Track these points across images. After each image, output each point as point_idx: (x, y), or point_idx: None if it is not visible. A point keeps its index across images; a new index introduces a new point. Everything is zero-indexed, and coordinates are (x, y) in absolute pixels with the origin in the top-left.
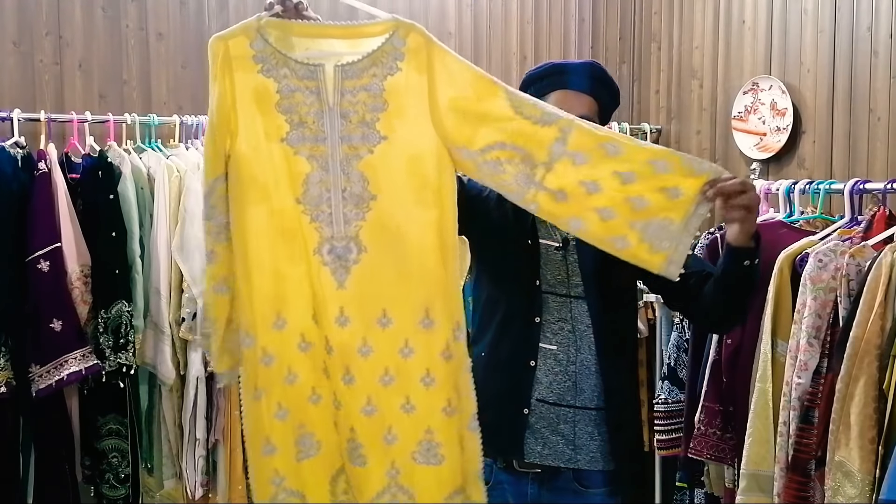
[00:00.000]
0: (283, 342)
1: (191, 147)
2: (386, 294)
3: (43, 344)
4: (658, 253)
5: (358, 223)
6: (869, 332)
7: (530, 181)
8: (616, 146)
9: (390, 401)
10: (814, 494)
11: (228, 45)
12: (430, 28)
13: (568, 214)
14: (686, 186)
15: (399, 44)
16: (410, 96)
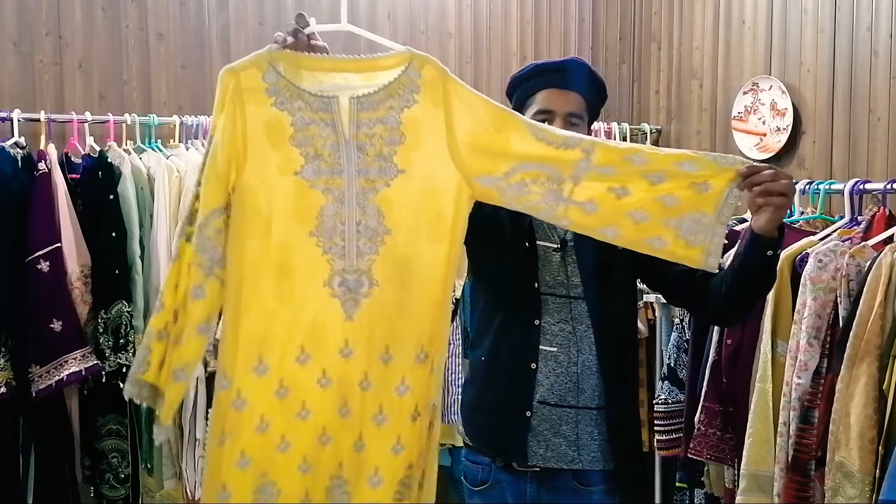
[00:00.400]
0: (261, 388)
1: (191, 147)
2: (391, 329)
3: (43, 344)
4: (695, 247)
5: (371, 257)
6: (869, 333)
7: (559, 198)
8: (641, 156)
9: (381, 441)
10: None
11: (240, 76)
12: (429, 28)
13: (602, 224)
14: (715, 180)
15: (415, 76)
16: (427, 129)
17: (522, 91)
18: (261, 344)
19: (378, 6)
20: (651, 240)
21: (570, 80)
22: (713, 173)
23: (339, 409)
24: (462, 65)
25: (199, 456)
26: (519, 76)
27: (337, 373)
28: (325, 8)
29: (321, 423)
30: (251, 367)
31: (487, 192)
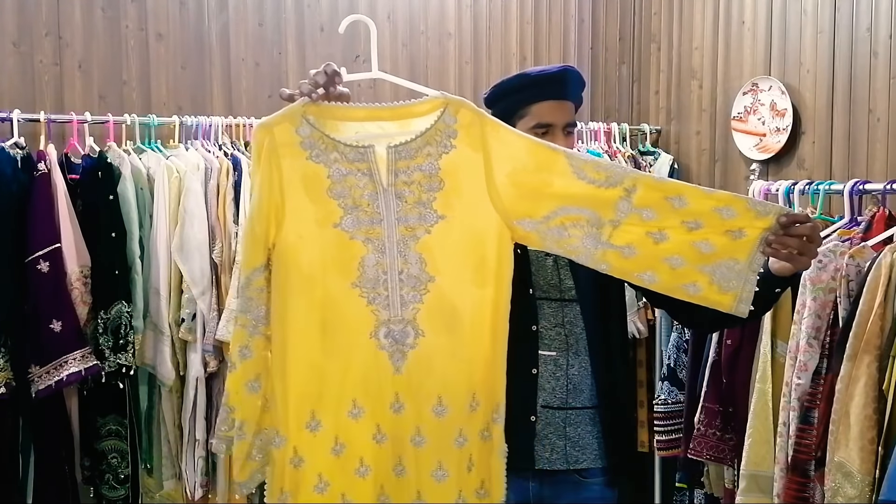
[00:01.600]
0: (316, 446)
1: (190, 147)
2: (441, 380)
3: (43, 344)
4: (727, 293)
5: (416, 306)
6: (869, 333)
7: (598, 241)
8: (682, 199)
9: (443, 498)
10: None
11: (273, 132)
12: (429, 28)
13: (639, 269)
14: (749, 228)
15: (451, 121)
16: (467, 174)
17: (511, 102)
18: (312, 400)
19: (378, 6)
20: (686, 286)
21: (569, 91)
22: (749, 222)
23: (395, 468)
24: (462, 65)
25: (199, 456)
26: (507, 87)
27: (390, 428)
28: (325, 9)
29: (380, 481)
30: (304, 423)
31: (528, 235)
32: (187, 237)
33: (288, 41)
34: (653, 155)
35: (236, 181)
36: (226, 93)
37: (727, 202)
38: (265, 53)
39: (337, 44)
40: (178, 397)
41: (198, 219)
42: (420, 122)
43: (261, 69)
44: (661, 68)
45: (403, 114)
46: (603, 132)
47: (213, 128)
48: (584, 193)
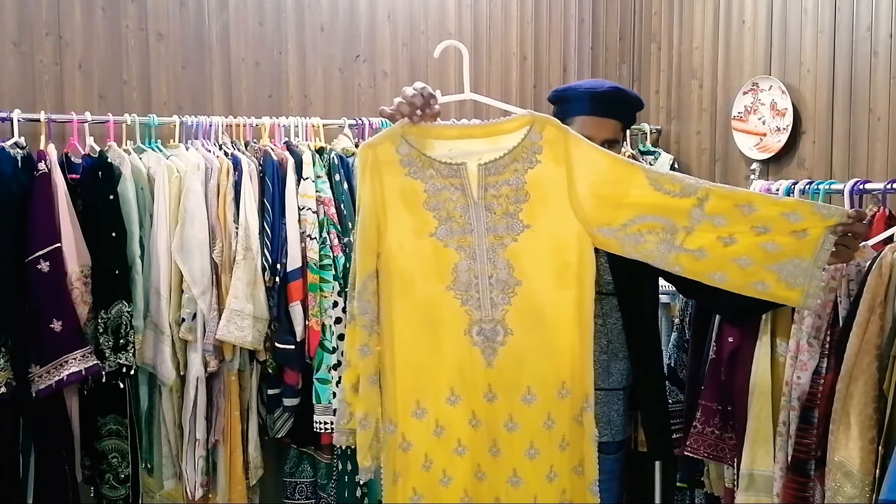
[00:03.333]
0: (421, 430)
1: (190, 147)
2: (530, 372)
3: (43, 344)
4: (795, 289)
5: (504, 307)
6: (869, 332)
7: (671, 246)
8: (752, 206)
9: (536, 472)
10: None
11: (377, 151)
12: (429, 28)
13: (711, 269)
14: (813, 229)
15: (536, 138)
16: (550, 186)
17: (561, 108)
18: (417, 391)
19: (378, 6)
20: (755, 283)
21: (611, 110)
22: (814, 223)
23: (490, 449)
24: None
25: (199, 456)
26: (561, 94)
27: (484, 415)
28: (325, 9)
29: (476, 460)
30: (411, 412)
31: (607, 241)
32: (187, 237)
33: (288, 41)
34: (653, 154)
35: (236, 181)
36: (226, 92)
37: (793, 207)
38: (265, 53)
39: (337, 44)
40: (179, 397)
41: (198, 219)
42: (508, 139)
43: (261, 69)
44: (661, 68)
45: (493, 131)
46: None
47: (214, 127)
48: (661, 203)
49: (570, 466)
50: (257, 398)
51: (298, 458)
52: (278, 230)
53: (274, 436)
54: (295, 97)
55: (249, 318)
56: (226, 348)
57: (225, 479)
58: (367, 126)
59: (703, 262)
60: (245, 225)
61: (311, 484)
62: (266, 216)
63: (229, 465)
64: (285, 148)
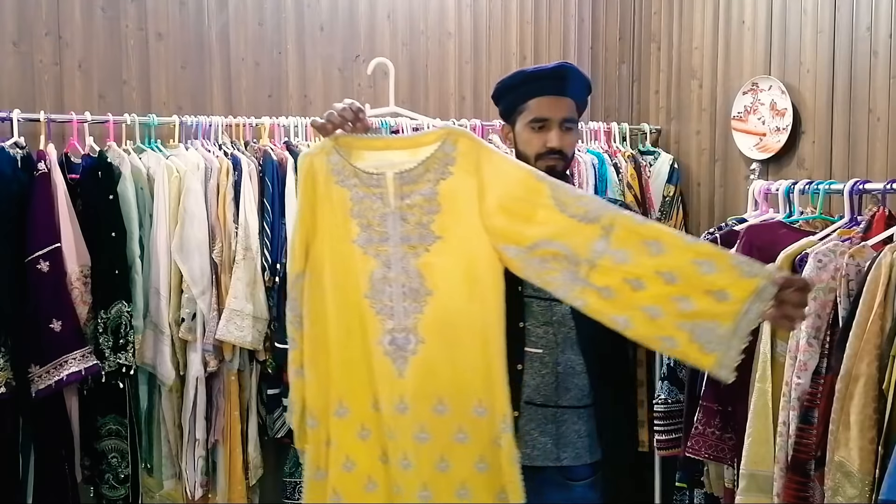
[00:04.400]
0: (344, 429)
1: (190, 147)
2: (442, 382)
3: (42, 344)
4: (709, 355)
5: (416, 316)
6: (868, 333)
7: (576, 278)
8: (660, 245)
9: (448, 486)
10: (813, 494)
11: (312, 160)
12: (429, 28)
13: (615, 311)
14: (734, 290)
15: (450, 149)
16: (462, 198)
17: (512, 99)
18: (339, 389)
19: (378, 6)
20: (663, 338)
21: (562, 86)
22: (732, 281)
23: (401, 462)
24: (462, 65)
25: (199, 456)
26: (507, 84)
27: (396, 427)
28: (325, 9)
29: (391, 471)
30: (333, 411)
31: (512, 262)
32: (187, 237)
33: (288, 41)
34: (653, 154)
35: (236, 181)
36: (226, 92)
37: (708, 255)
38: (265, 53)
39: (337, 44)
40: (179, 397)
41: (198, 218)
42: (424, 150)
43: (261, 69)
44: (661, 68)
45: (413, 143)
46: (603, 132)
47: (213, 127)
48: (565, 227)
49: (491, 491)
50: (257, 398)
51: (298, 458)
52: (278, 230)
53: (274, 436)
54: (295, 97)
55: (249, 318)
56: (225, 348)
57: (225, 479)
58: None
59: (608, 302)
60: (245, 225)
61: None
62: (266, 216)
63: (229, 465)
64: (285, 148)
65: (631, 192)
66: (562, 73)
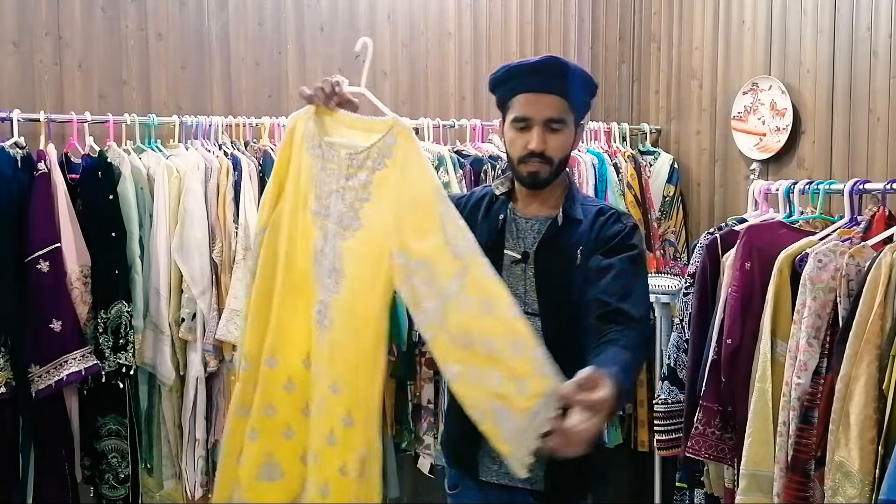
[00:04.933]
0: (272, 379)
1: (190, 147)
2: (337, 363)
3: (43, 344)
4: (504, 444)
5: (333, 295)
6: (869, 333)
7: (437, 312)
8: (491, 306)
9: (331, 462)
10: (813, 494)
11: (297, 122)
12: (429, 28)
13: (454, 360)
14: (532, 384)
15: (391, 142)
16: (388, 192)
17: (500, 94)
18: (272, 342)
19: (378, 6)
20: (476, 408)
21: (546, 82)
22: (531, 372)
23: (302, 410)
24: (462, 65)
25: (199, 456)
26: (494, 78)
27: (302, 382)
28: (325, 9)
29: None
30: (264, 360)
31: (394, 267)
32: (187, 237)
33: (288, 41)
34: (653, 154)
35: (236, 181)
36: (226, 92)
37: (522, 337)
38: (265, 53)
39: (337, 43)
40: (178, 397)
41: (198, 218)
42: (373, 137)
43: (261, 69)
44: (661, 68)
45: (367, 127)
46: (603, 132)
47: (213, 127)
48: (439, 250)
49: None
50: None
51: None
52: None
53: None
54: (295, 97)
55: None
56: (225, 348)
57: None
58: None
59: (452, 349)
60: (245, 225)
61: None
62: None
63: None
64: None
65: (631, 192)
66: (546, 67)
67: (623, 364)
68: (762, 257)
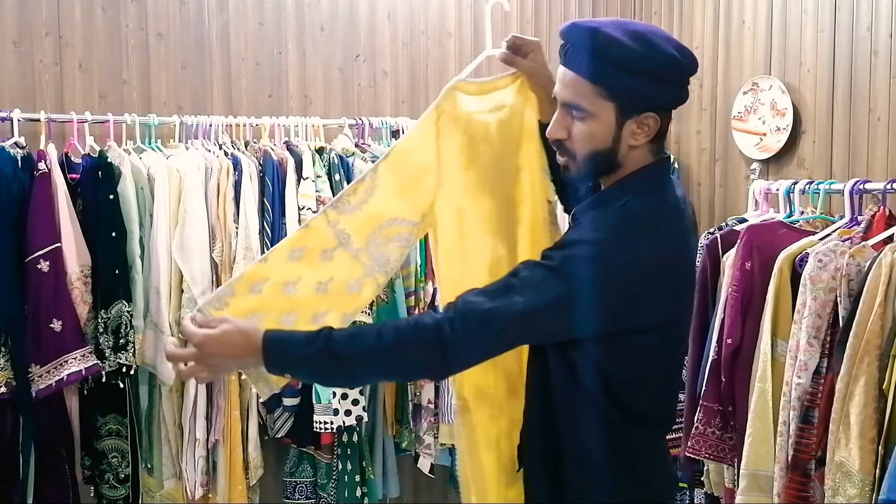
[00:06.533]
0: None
1: (190, 147)
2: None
3: (43, 344)
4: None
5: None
6: (869, 332)
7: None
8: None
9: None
10: (814, 494)
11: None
12: (429, 28)
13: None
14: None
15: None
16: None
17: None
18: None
19: (378, 6)
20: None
21: (566, 56)
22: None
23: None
24: (462, 65)
25: (199, 456)
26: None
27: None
28: (325, 9)
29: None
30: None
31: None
32: (187, 237)
33: (288, 41)
34: None
35: (236, 181)
36: (226, 92)
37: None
38: (265, 53)
39: (337, 44)
40: (179, 397)
41: (198, 218)
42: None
43: (261, 69)
44: None
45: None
46: None
47: (214, 127)
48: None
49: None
50: (257, 398)
51: (298, 458)
52: (278, 230)
53: (274, 436)
54: (295, 97)
55: None
56: None
57: (225, 479)
58: (367, 126)
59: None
60: (245, 225)
61: (311, 484)
62: (266, 216)
63: (229, 465)
64: (285, 148)
65: None
66: (564, 35)
67: (311, 342)
68: (762, 257)
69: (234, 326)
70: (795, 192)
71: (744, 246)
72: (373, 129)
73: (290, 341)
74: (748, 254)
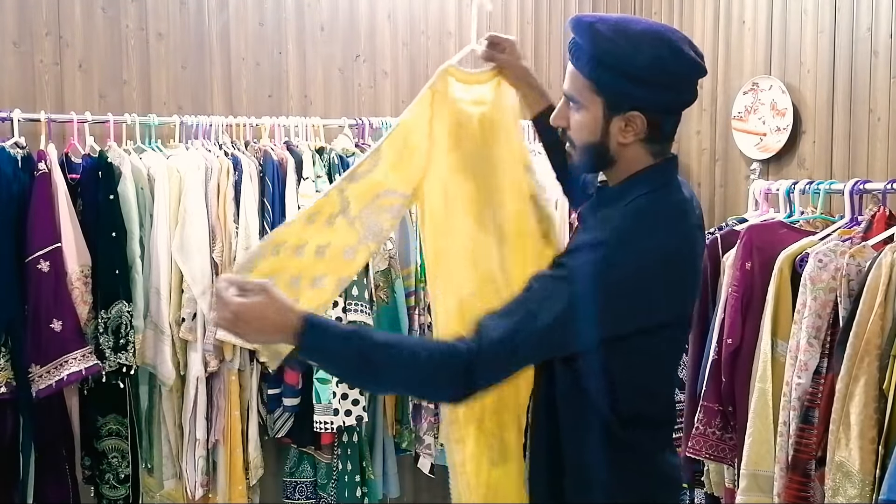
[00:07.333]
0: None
1: (191, 147)
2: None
3: (43, 344)
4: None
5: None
6: (869, 332)
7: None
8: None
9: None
10: (814, 494)
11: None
12: (429, 28)
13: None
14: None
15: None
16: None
17: None
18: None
19: (378, 6)
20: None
21: (570, 48)
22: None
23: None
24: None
25: (199, 456)
26: None
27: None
28: (325, 9)
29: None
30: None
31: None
32: (187, 237)
33: (288, 41)
34: None
35: (236, 181)
36: (226, 92)
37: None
38: (265, 53)
39: (337, 44)
40: (179, 397)
41: (198, 218)
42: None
43: (261, 69)
44: None
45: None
46: None
47: (214, 127)
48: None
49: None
50: (257, 398)
51: (298, 458)
52: None
53: (274, 436)
54: (295, 97)
55: None
56: (226, 348)
57: (225, 479)
58: (368, 126)
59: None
60: (245, 225)
61: (311, 484)
62: (266, 216)
63: (229, 465)
64: (285, 148)
65: None
66: (570, 29)
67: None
68: (762, 257)
69: (272, 301)
70: (795, 193)
71: (744, 246)
72: (373, 130)
73: (328, 334)
74: (748, 254)
